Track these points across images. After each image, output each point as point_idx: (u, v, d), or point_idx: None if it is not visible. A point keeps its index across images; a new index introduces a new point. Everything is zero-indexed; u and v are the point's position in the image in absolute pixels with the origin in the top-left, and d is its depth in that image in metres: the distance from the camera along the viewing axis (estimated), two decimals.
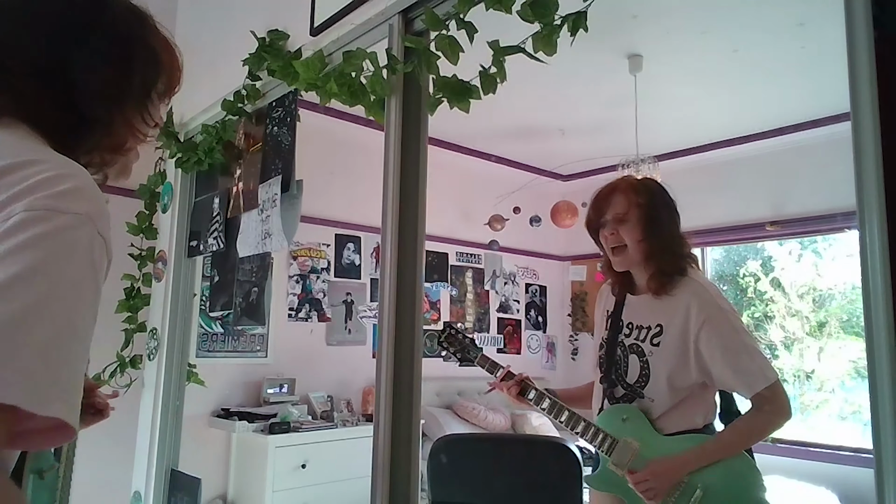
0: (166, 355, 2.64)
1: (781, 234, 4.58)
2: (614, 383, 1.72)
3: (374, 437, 1.57)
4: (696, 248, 4.95)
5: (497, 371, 1.87)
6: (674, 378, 1.61)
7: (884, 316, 0.86)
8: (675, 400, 1.62)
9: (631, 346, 1.70)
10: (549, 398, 1.78)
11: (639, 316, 1.72)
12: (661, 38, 3.16)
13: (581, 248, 5.78)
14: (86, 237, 0.64)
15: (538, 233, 5.25)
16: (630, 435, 1.64)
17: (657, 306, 1.68)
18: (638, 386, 1.66)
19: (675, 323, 1.62)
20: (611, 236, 1.72)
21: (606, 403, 1.73)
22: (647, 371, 1.65)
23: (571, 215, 4.46)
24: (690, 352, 1.59)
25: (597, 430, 1.68)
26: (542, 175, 5.37)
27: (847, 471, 3.89)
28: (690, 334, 1.59)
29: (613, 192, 1.74)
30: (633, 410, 1.66)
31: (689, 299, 1.62)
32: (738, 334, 1.60)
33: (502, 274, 5.65)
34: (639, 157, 3.69)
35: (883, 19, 0.90)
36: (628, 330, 1.73)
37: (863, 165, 0.90)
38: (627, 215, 1.69)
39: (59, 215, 0.61)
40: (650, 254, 1.68)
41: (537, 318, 5.87)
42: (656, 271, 1.67)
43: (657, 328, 1.66)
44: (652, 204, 1.70)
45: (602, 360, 1.78)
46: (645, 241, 1.67)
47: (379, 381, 1.57)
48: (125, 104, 0.82)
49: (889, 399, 0.84)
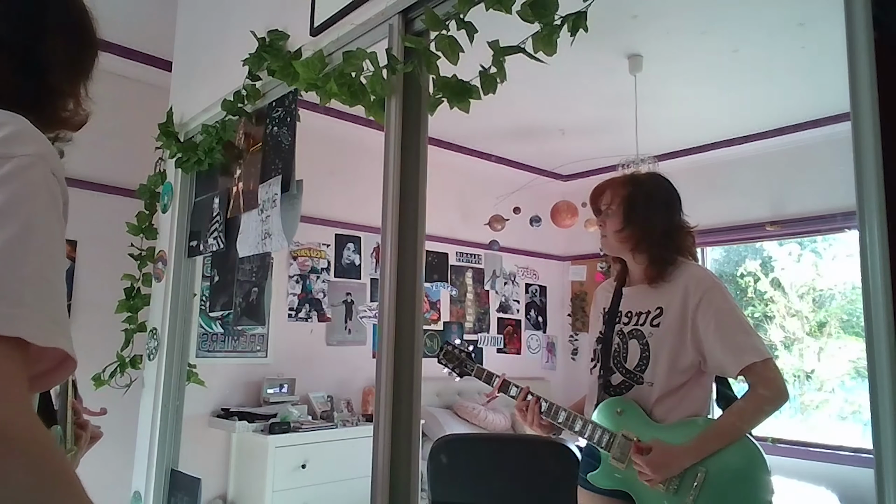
0: (166, 355, 2.64)
1: (781, 235, 4.57)
2: (612, 371, 1.73)
3: (374, 437, 1.57)
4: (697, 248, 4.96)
5: (493, 381, 1.88)
6: (673, 357, 1.63)
7: (884, 316, 0.86)
8: (674, 384, 1.63)
9: (630, 332, 1.72)
10: (545, 401, 1.79)
11: (636, 304, 1.75)
12: (661, 38, 3.16)
13: (581, 248, 5.78)
14: (41, 176, 0.64)
15: (538, 233, 5.25)
16: (626, 427, 1.65)
17: (654, 293, 1.71)
18: (637, 370, 1.67)
19: (675, 302, 1.65)
20: (600, 227, 1.81)
21: (604, 395, 1.73)
22: (647, 353, 1.66)
23: (571, 215, 4.45)
24: (688, 328, 1.62)
25: (594, 427, 1.68)
26: (542, 175, 5.37)
27: (847, 471, 3.89)
28: (689, 310, 1.63)
29: (605, 187, 1.83)
30: (627, 402, 1.67)
31: (688, 280, 1.67)
32: (734, 311, 1.63)
33: (502, 274, 5.65)
34: (639, 157, 3.69)
35: (883, 19, 0.90)
36: (627, 318, 1.75)
37: (863, 165, 0.90)
38: (611, 207, 1.77)
39: (10, 159, 0.61)
40: (634, 242, 1.73)
41: (537, 318, 5.87)
42: (649, 261, 1.72)
43: (657, 310, 1.69)
44: (634, 194, 1.76)
45: (597, 354, 1.80)
46: (624, 230, 1.73)
47: (379, 381, 1.57)
48: (78, 77, 0.82)
49: (889, 399, 0.84)
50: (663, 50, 3.28)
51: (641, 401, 1.66)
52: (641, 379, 1.67)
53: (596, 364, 1.80)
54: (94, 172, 3.49)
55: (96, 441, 1.06)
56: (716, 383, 1.73)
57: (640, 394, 1.67)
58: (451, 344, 2.04)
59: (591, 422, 1.70)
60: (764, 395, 1.55)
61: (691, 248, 1.78)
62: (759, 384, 1.56)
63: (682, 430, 1.61)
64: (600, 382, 1.75)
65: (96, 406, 1.20)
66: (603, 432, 1.67)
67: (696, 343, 1.62)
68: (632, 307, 1.76)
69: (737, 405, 1.62)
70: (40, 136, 0.68)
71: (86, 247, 3.58)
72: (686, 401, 1.64)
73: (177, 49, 3.01)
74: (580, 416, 1.74)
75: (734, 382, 1.73)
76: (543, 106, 4.08)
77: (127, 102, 3.38)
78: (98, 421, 1.10)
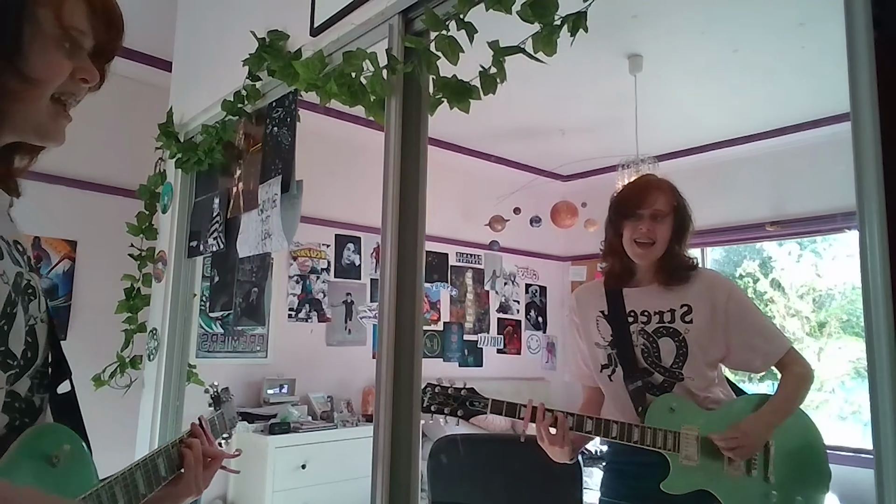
0: (166, 355, 2.64)
1: (781, 235, 4.58)
2: (649, 372, 1.67)
3: (374, 437, 1.56)
4: (696, 248, 4.99)
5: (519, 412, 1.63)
6: (706, 352, 1.65)
7: (884, 316, 0.86)
8: (709, 376, 1.67)
9: (657, 330, 1.68)
10: (590, 418, 1.62)
11: (651, 304, 1.71)
12: (661, 38, 3.16)
13: (581, 248, 5.78)
14: None
15: (538, 233, 5.26)
16: (684, 423, 1.60)
17: (670, 293, 1.71)
18: (675, 367, 1.65)
19: (702, 301, 1.67)
20: (646, 231, 1.72)
21: (646, 398, 1.65)
22: (685, 349, 1.65)
23: (571, 215, 4.46)
24: (720, 324, 1.66)
25: (655, 431, 1.59)
26: (542, 175, 5.37)
27: (847, 471, 3.87)
28: (719, 307, 1.66)
29: (653, 189, 1.77)
30: (677, 398, 1.63)
31: (709, 280, 1.72)
32: (758, 309, 1.77)
33: (502, 274, 5.65)
34: (639, 157, 3.69)
35: (883, 19, 0.90)
36: (645, 318, 1.70)
37: (863, 165, 0.89)
38: (666, 216, 1.73)
39: None
40: (670, 253, 1.74)
41: (537, 319, 5.87)
42: (667, 264, 1.73)
43: (684, 308, 1.68)
44: (684, 205, 1.78)
45: (612, 358, 1.72)
46: (673, 240, 1.74)
47: (379, 381, 1.57)
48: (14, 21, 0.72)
49: (889, 399, 0.84)
50: (663, 50, 3.28)
51: (687, 395, 1.65)
52: (681, 375, 1.65)
53: (614, 369, 1.72)
54: (94, 172, 3.50)
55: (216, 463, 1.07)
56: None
57: (684, 389, 1.65)
58: (436, 385, 1.71)
59: (650, 427, 1.60)
60: (802, 373, 1.67)
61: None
62: (793, 365, 1.67)
63: (737, 407, 1.66)
64: (633, 387, 1.66)
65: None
66: (666, 434, 1.58)
67: (726, 340, 1.66)
68: (647, 307, 1.71)
69: (785, 384, 1.68)
70: None
71: (86, 247, 3.58)
72: (720, 390, 1.69)
73: (177, 49, 3.01)
74: (635, 424, 1.60)
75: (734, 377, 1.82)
76: (543, 106, 4.08)
77: (127, 102, 3.38)
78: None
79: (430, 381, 1.71)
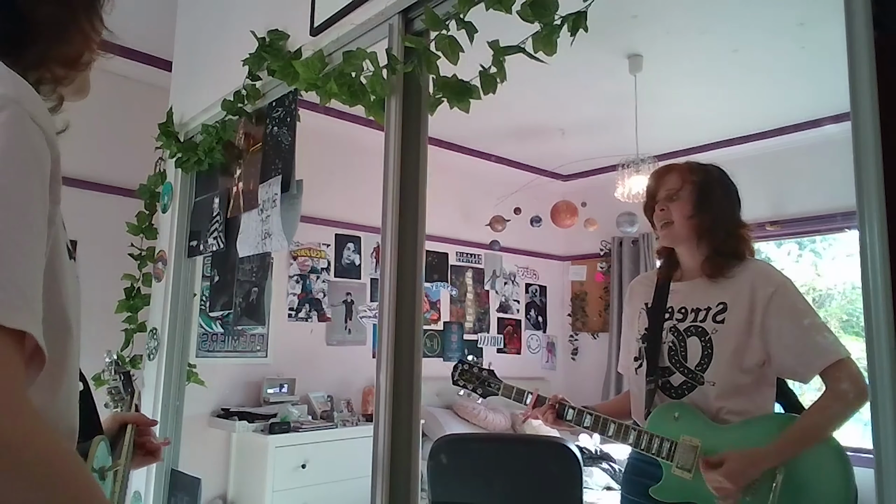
0: (166, 355, 2.64)
1: (781, 234, 4.57)
2: (670, 370, 1.60)
3: (374, 437, 1.57)
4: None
5: (525, 398, 1.74)
6: (738, 356, 1.52)
7: (884, 316, 0.86)
8: (737, 383, 1.52)
9: (688, 328, 1.60)
10: (590, 414, 1.66)
11: (691, 300, 1.63)
12: (661, 38, 3.16)
13: (581, 248, 5.79)
14: (13, 121, 0.55)
15: (538, 233, 5.26)
16: (686, 433, 1.52)
17: (714, 288, 1.60)
18: (699, 370, 1.55)
19: (741, 299, 1.55)
20: (661, 212, 1.68)
21: (657, 400, 1.61)
22: (710, 351, 1.55)
23: (571, 215, 4.46)
24: (756, 326, 1.52)
25: (651, 436, 1.55)
26: (542, 175, 5.37)
27: None
28: (758, 306, 1.52)
29: (669, 171, 1.73)
30: (684, 406, 1.56)
31: (754, 277, 1.56)
32: (809, 310, 1.53)
33: (502, 274, 5.65)
34: (639, 156, 3.69)
35: (883, 19, 0.90)
36: (680, 315, 1.63)
37: (863, 165, 0.89)
38: (679, 192, 1.66)
39: None
40: (701, 231, 1.63)
41: (537, 318, 5.87)
42: (711, 252, 1.62)
43: (719, 306, 1.57)
44: (706, 181, 1.66)
45: (641, 353, 1.67)
46: (695, 216, 1.63)
47: (379, 381, 1.57)
48: (75, 7, 0.73)
49: (889, 399, 0.84)
50: (663, 50, 3.28)
51: (702, 402, 1.55)
52: (703, 379, 1.55)
53: (641, 363, 1.68)
54: (94, 172, 3.49)
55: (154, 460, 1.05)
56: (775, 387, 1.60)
57: (701, 395, 1.55)
58: (466, 362, 1.92)
59: (647, 432, 1.57)
60: (849, 392, 1.42)
61: (751, 244, 1.68)
62: (842, 380, 1.43)
63: (755, 428, 1.50)
64: (651, 385, 1.62)
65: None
66: (662, 441, 1.53)
67: (765, 343, 1.52)
68: (686, 303, 1.64)
69: (821, 403, 1.48)
70: (15, 78, 0.58)
71: (86, 247, 3.57)
72: (751, 400, 1.53)
73: (177, 49, 3.01)
74: (633, 427, 1.60)
75: (793, 384, 1.62)
76: (543, 106, 4.08)
77: (127, 102, 3.38)
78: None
79: (462, 359, 1.97)
